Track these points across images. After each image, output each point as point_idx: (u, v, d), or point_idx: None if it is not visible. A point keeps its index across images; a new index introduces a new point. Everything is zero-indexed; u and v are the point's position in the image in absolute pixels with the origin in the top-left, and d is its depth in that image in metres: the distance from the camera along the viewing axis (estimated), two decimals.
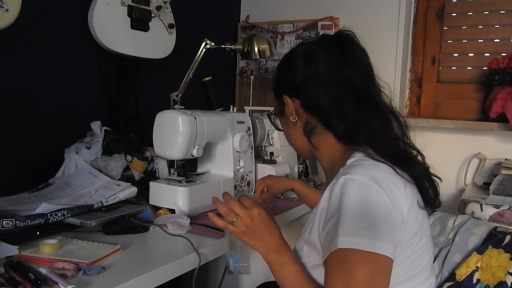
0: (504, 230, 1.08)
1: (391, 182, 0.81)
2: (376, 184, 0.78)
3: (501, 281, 1.02)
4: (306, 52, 0.95)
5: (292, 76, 0.96)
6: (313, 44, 0.96)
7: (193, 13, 2.04)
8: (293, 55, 0.98)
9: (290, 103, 0.97)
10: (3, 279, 0.82)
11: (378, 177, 0.80)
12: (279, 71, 1.02)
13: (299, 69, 0.95)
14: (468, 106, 1.94)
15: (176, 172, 1.37)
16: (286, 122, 1.00)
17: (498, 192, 1.53)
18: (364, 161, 0.85)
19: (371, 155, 0.86)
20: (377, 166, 0.83)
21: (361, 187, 0.78)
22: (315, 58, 0.92)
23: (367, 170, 0.81)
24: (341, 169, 0.85)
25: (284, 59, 1.01)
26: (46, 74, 1.49)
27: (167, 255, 1.00)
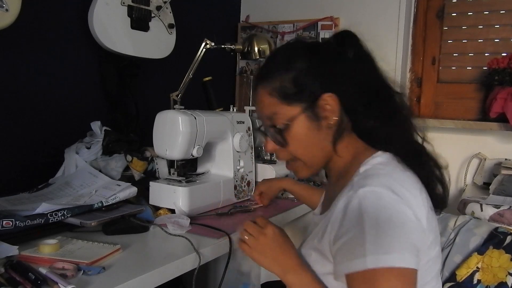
0: (505, 230, 1.08)
1: (409, 191, 0.78)
2: (395, 195, 0.75)
3: (501, 281, 1.02)
4: (337, 43, 0.88)
5: (333, 69, 0.86)
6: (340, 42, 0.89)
7: (193, 13, 2.04)
8: (325, 46, 0.89)
9: (333, 102, 0.84)
10: (3, 279, 0.82)
11: (396, 188, 0.76)
12: (307, 64, 0.86)
13: (337, 61, 0.86)
14: (468, 106, 1.94)
15: (176, 172, 1.37)
16: (311, 128, 0.86)
17: (498, 192, 1.53)
18: (380, 169, 0.81)
19: (388, 158, 0.84)
20: (394, 174, 0.80)
21: (381, 200, 0.74)
22: (353, 55, 0.87)
23: (384, 180, 0.77)
24: (356, 178, 0.80)
25: (310, 49, 0.88)
26: (46, 74, 1.49)
27: (167, 255, 1.00)
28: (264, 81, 0.88)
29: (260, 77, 0.90)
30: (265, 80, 0.88)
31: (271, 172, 1.61)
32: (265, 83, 0.88)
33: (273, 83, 0.87)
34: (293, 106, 0.86)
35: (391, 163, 0.83)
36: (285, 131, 0.87)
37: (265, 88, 0.88)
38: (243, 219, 1.28)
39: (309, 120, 0.86)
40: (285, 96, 0.86)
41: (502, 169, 1.69)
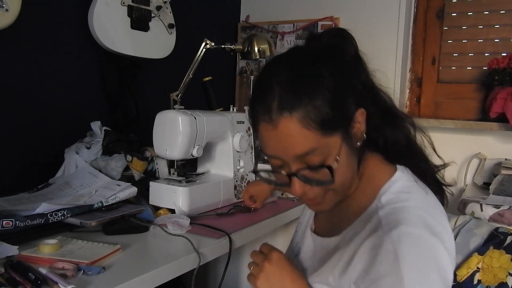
0: (506, 231, 1.08)
1: (441, 224, 0.71)
2: (434, 237, 0.67)
3: (502, 282, 1.02)
4: (353, 52, 0.77)
5: (354, 78, 0.74)
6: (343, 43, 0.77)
7: (193, 13, 2.04)
8: (336, 49, 0.75)
9: (362, 117, 0.72)
10: (3, 279, 0.82)
11: (432, 224, 0.68)
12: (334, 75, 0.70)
13: (361, 72, 0.76)
14: (468, 106, 1.94)
15: (176, 172, 1.37)
16: (349, 155, 0.72)
17: (498, 192, 1.53)
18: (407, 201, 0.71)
19: (407, 179, 0.76)
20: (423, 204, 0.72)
21: (420, 245, 0.66)
22: (357, 57, 0.77)
23: (417, 217, 0.68)
24: (382, 213, 0.70)
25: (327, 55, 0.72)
26: (46, 74, 1.49)
27: (167, 255, 1.00)
28: (293, 109, 0.67)
29: (281, 105, 0.68)
30: (293, 108, 0.67)
31: None
32: (295, 112, 0.66)
33: (308, 110, 0.67)
34: (334, 135, 0.69)
35: (414, 187, 0.75)
36: (329, 168, 0.69)
37: (295, 118, 0.67)
38: (243, 219, 1.29)
39: (347, 145, 0.71)
40: (326, 125, 0.67)
41: (502, 169, 1.69)
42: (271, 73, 0.72)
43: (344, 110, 0.70)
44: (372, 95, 0.76)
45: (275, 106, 0.68)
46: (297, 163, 0.70)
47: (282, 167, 0.73)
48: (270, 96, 0.69)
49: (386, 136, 0.77)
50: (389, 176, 0.75)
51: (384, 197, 0.73)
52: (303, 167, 0.70)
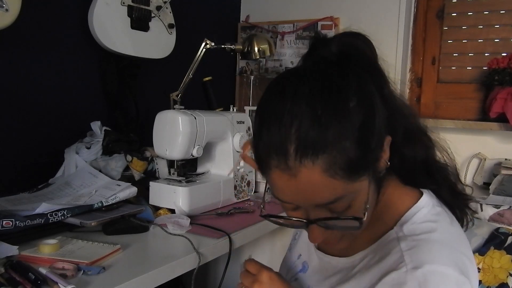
0: (506, 231, 1.08)
1: (470, 260, 0.65)
2: (463, 277, 0.60)
3: (502, 282, 1.02)
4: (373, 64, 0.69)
5: (376, 96, 0.62)
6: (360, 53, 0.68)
7: (193, 13, 2.04)
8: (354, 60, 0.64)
9: (388, 145, 0.63)
10: (3, 279, 0.82)
11: (461, 261, 0.62)
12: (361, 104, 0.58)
13: (383, 88, 0.66)
14: (468, 106, 1.94)
15: (176, 172, 1.37)
16: (373, 189, 0.63)
17: (498, 192, 1.53)
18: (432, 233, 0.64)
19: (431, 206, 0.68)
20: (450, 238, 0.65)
21: (447, 286, 0.59)
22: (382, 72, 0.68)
23: (444, 253, 0.61)
24: (404, 245, 0.62)
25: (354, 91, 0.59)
26: (46, 74, 1.49)
27: (167, 255, 1.00)
28: (316, 156, 0.55)
29: (302, 151, 0.55)
30: (317, 154, 0.55)
31: None
32: (319, 159, 0.55)
33: (334, 155, 0.55)
34: (363, 177, 0.59)
35: (440, 216, 0.67)
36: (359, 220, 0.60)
37: (319, 166, 0.55)
38: (243, 219, 1.29)
39: (374, 183, 0.63)
40: (355, 169, 0.57)
41: (502, 169, 1.69)
42: (286, 99, 0.58)
43: (374, 147, 0.59)
44: (394, 113, 0.65)
45: (293, 150, 0.56)
46: (318, 211, 0.61)
47: (298, 211, 0.64)
48: (285, 136, 0.56)
49: (404, 155, 0.67)
50: (413, 201, 0.68)
51: (406, 226, 0.65)
52: (326, 216, 0.61)
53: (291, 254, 0.87)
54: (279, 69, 2.21)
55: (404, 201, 0.68)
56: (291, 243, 0.91)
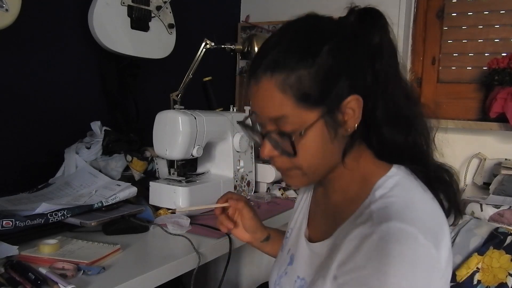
0: (506, 231, 1.09)
1: (440, 228, 0.67)
2: (428, 242, 0.62)
3: (502, 282, 1.02)
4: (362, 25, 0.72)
5: (360, 67, 0.69)
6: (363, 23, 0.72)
7: (193, 13, 2.04)
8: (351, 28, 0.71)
9: (357, 105, 0.68)
10: (3, 279, 0.82)
11: (429, 226, 0.64)
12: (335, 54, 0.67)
13: (365, 50, 0.70)
14: (468, 106, 1.94)
15: (176, 172, 1.37)
16: (325, 137, 0.69)
17: (498, 192, 1.53)
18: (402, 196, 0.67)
19: (405, 177, 0.71)
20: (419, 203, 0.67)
21: (410, 243, 0.61)
22: (379, 42, 0.71)
23: (414, 212, 0.64)
24: (375, 207, 0.66)
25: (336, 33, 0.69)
26: (46, 74, 1.49)
27: (167, 255, 1.00)
28: (275, 71, 0.66)
29: (267, 64, 0.67)
30: (276, 70, 0.66)
31: (271, 172, 1.61)
32: (276, 74, 0.66)
33: (289, 77, 0.65)
34: (311, 110, 0.67)
35: (412, 183, 0.70)
36: (295, 139, 0.68)
37: (275, 80, 0.66)
38: None
39: (326, 127, 0.68)
40: (305, 97, 0.66)
41: (502, 169, 1.69)
42: (277, 34, 0.71)
43: (330, 91, 0.66)
44: (384, 88, 0.70)
45: (263, 64, 0.68)
46: (270, 125, 0.70)
47: (260, 126, 0.73)
48: (264, 54, 0.69)
49: (382, 134, 0.71)
50: (385, 172, 0.71)
51: (378, 192, 0.69)
52: (274, 130, 0.69)
53: (282, 252, 0.89)
54: None
55: (379, 172, 0.71)
56: (283, 242, 0.92)
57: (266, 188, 1.63)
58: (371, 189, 0.70)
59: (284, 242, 0.91)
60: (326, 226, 0.76)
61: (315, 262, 0.75)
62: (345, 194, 0.75)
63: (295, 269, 0.80)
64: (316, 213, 0.85)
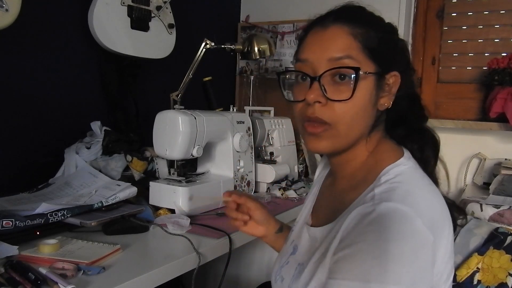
0: (506, 231, 1.08)
1: (443, 219, 0.69)
2: (424, 226, 0.63)
3: (502, 282, 1.02)
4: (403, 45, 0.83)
5: (402, 55, 0.81)
6: None
7: (193, 13, 2.04)
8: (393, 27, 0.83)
9: (397, 83, 0.76)
10: (3, 279, 0.82)
11: (431, 216, 0.66)
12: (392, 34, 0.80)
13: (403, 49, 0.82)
14: (468, 106, 1.94)
15: (176, 172, 1.37)
16: (371, 97, 0.74)
17: (498, 192, 1.53)
18: (406, 183, 0.69)
19: (412, 167, 0.74)
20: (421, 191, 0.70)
21: (407, 224, 0.62)
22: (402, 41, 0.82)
23: (413, 200, 0.66)
24: (378, 190, 0.68)
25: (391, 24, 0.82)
26: (46, 74, 1.49)
27: (167, 255, 1.00)
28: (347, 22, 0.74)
29: (343, 16, 0.75)
30: (350, 22, 0.74)
31: (271, 172, 1.61)
32: (348, 23, 0.73)
33: (361, 29, 0.73)
34: (370, 62, 0.73)
35: (418, 173, 0.74)
36: (343, 83, 0.72)
37: (347, 27, 0.73)
38: None
39: (375, 87, 0.74)
40: (369, 47, 0.73)
41: (502, 169, 1.69)
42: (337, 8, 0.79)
43: (385, 55, 0.74)
44: (409, 78, 0.78)
45: (332, 17, 0.75)
46: (326, 66, 0.72)
47: (312, 70, 0.74)
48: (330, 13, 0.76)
49: (405, 120, 0.79)
50: (394, 160, 0.74)
51: (384, 177, 0.71)
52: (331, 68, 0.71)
53: (286, 245, 0.91)
54: (279, 69, 2.21)
55: (388, 161, 0.74)
56: (287, 237, 0.94)
57: (266, 188, 1.63)
58: (377, 176, 0.72)
59: (288, 236, 0.93)
60: (330, 213, 0.78)
61: (317, 245, 0.76)
62: (351, 181, 0.78)
63: (297, 258, 0.81)
64: (321, 202, 0.88)
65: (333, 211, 0.76)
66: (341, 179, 0.81)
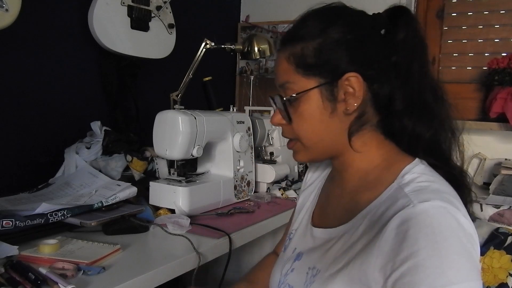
0: (506, 231, 1.08)
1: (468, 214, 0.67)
2: (468, 220, 0.63)
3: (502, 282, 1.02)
4: (388, 20, 0.76)
5: (373, 49, 0.73)
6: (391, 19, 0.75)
7: (193, 13, 2.04)
8: (372, 19, 0.76)
9: (357, 84, 0.71)
10: (3, 279, 0.82)
11: (463, 210, 0.65)
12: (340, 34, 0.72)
13: (382, 41, 0.74)
14: (468, 106, 1.94)
15: (176, 172, 1.37)
16: (322, 109, 0.73)
17: (498, 192, 1.53)
18: (434, 181, 0.68)
19: (428, 168, 0.72)
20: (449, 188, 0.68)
21: (455, 219, 0.61)
22: (403, 38, 0.73)
23: (448, 196, 0.65)
24: (408, 189, 0.66)
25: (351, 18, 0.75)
26: (46, 74, 1.49)
27: (167, 255, 1.00)
28: (286, 45, 0.75)
29: (283, 41, 0.77)
30: (287, 44, 0.75)
31: (271, 172, 1.61)
32: (287, 47, 0.75)
33: (294, 48, 0.73)
34: (308, 78, 0.73)
35: (436, 174, 0.71)
36: (291, 104, 0.74)
37: (284, 52, 0.75)
38: (243, 219, 1.29)
39: (321, 99, 0.72)
40: (303, 65, 0.73)
41: (502, 169, 1.69)
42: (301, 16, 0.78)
43: (328, 62, 0.71)
44: (404, 80, 0.72)
45: (282, 39, 0.77)
46: (279, 92, 0.77)
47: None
48: (286, 32, 0.78)
49: (405, 126, 0.73)
50: (410, 160, 0.73)
51: (407, 176, 0.69)
52: (279, 95, 0.76)
53: (285, 253, 0.88)
54: None
55: (403, 162, 0.72)
56: (284, 245, 0.91)
57: (266, 188, 1.63)
58: (398, 174, 0.70)
59: (286, 244, 0.90)
60: (342, 213, 0.76)
61: (330, 245, 0.74)
62: (364, 180, 0.75)
63: (305, 262, 0.78)
64: (326, 203, 0.85)
65: (346, 211, 0.75)
66: (349, 180, 0.78)
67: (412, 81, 0.72)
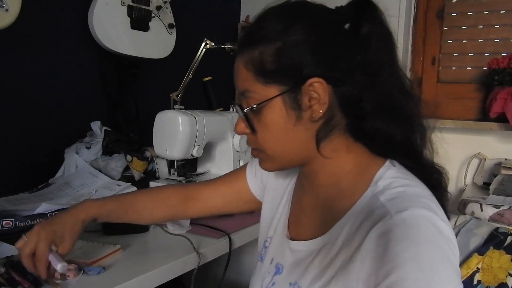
0: (506, 231, 1.08)
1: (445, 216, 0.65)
2: (445, 224, 0.61)
3: (502, 282, 1.02)
4: (351, 14, 0.69)
5: (337, 49, 0.67)
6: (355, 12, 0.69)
7: (193, 13, 2.04)
8: (334, 15, 0.70)
9: (322, 90, 0.66)
10: (3, 279, 0.82)
11: (440, 213, 0.63)
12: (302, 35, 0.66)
13: (346, 39, 0.68)
14: (468, 106, 1.94)
15: (176, 172, 1.37)
16: (286, 117, 0.68)
17: (498, 192, 1.53)
18: (407, 185, 0.65)
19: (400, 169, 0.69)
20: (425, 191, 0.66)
21: (435, 227, 0.59)
22: (368, 33, 0.67)
23: (423, 201, 0.63)
24: (383, 198, 0.63)
25: (312, 16, 0.68)
26: (46, 74, 1.49)
27: (167, 255, 1.00)
28: (244, 49, 0.70)
29: (240, 45, 0.72)
30: (245, 48, 0.70)
31: None
32: (244, 52, 0.70)
33: (252, 53, 0.68)
34: (269, 86, 0.68)
35: (409, 175, 0.69)
36: (254, 114, 0.70)
37: (242, 58, 0.70)
38: (243, 219, 1.29)
39: (286, 107, 0.67)
40: (262, 72, 0.67)
41: (502, 169, 1.69)
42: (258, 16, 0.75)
43: (289, 69, 0.66)
44: (372, 80, 0.67)
45: (239, 42, 0.73)
46: (239, 100, 0.73)
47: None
48: (243, 34, 0.74)
49: (375, 128, 0.68)
50: (381, 164, 0.69)
51: (381, 182, 0.66)
52: (240, 104, 0.73)
53: (263, 263, 0.84)
54: None
55: (375, 165, 0.70)
56: (261, 253, 0.87)
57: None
58: (370, 180, 0.67)
59: (262, 252, 0.86)
60: (318, 223, 0.73)
61: (309, 261, 0.71)
62: (337, 187, 0.71)
63: (285, 277, 0.75)
64: (300, 213, 0.80)
65: (322, 222, 0.72)
66: (321, 187, 0.74)
67: (381, 80, 0.68)
